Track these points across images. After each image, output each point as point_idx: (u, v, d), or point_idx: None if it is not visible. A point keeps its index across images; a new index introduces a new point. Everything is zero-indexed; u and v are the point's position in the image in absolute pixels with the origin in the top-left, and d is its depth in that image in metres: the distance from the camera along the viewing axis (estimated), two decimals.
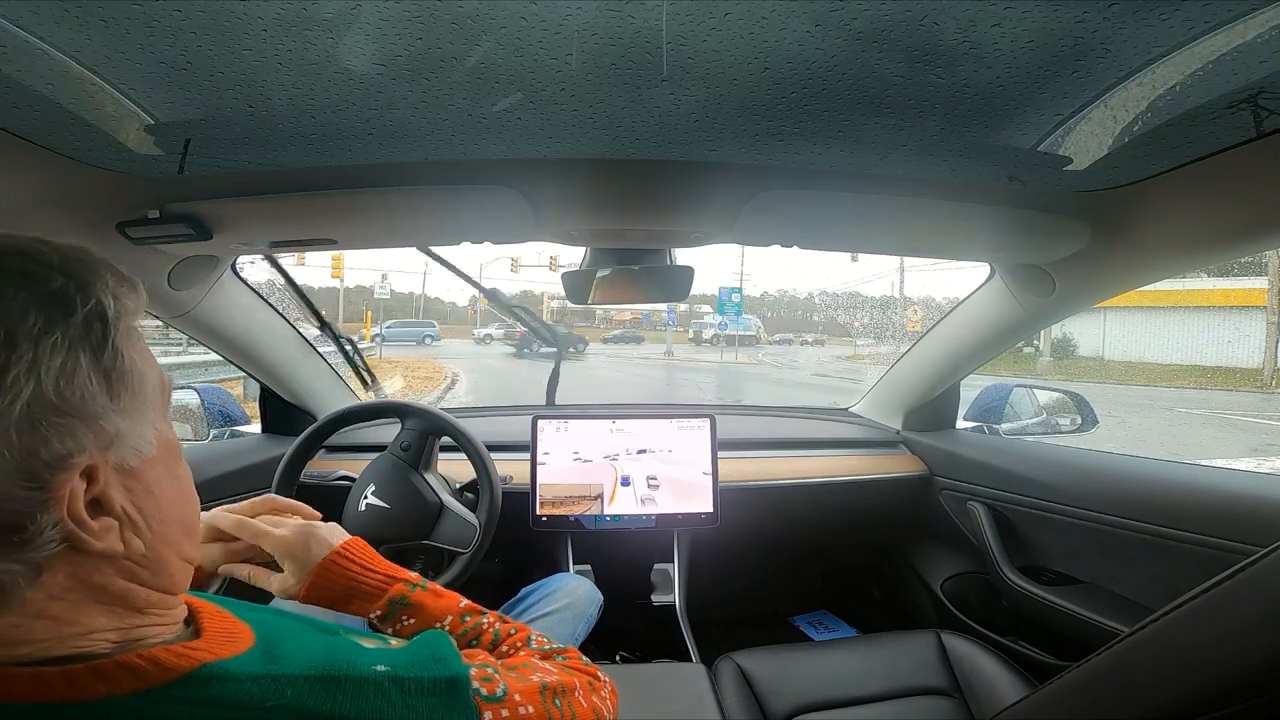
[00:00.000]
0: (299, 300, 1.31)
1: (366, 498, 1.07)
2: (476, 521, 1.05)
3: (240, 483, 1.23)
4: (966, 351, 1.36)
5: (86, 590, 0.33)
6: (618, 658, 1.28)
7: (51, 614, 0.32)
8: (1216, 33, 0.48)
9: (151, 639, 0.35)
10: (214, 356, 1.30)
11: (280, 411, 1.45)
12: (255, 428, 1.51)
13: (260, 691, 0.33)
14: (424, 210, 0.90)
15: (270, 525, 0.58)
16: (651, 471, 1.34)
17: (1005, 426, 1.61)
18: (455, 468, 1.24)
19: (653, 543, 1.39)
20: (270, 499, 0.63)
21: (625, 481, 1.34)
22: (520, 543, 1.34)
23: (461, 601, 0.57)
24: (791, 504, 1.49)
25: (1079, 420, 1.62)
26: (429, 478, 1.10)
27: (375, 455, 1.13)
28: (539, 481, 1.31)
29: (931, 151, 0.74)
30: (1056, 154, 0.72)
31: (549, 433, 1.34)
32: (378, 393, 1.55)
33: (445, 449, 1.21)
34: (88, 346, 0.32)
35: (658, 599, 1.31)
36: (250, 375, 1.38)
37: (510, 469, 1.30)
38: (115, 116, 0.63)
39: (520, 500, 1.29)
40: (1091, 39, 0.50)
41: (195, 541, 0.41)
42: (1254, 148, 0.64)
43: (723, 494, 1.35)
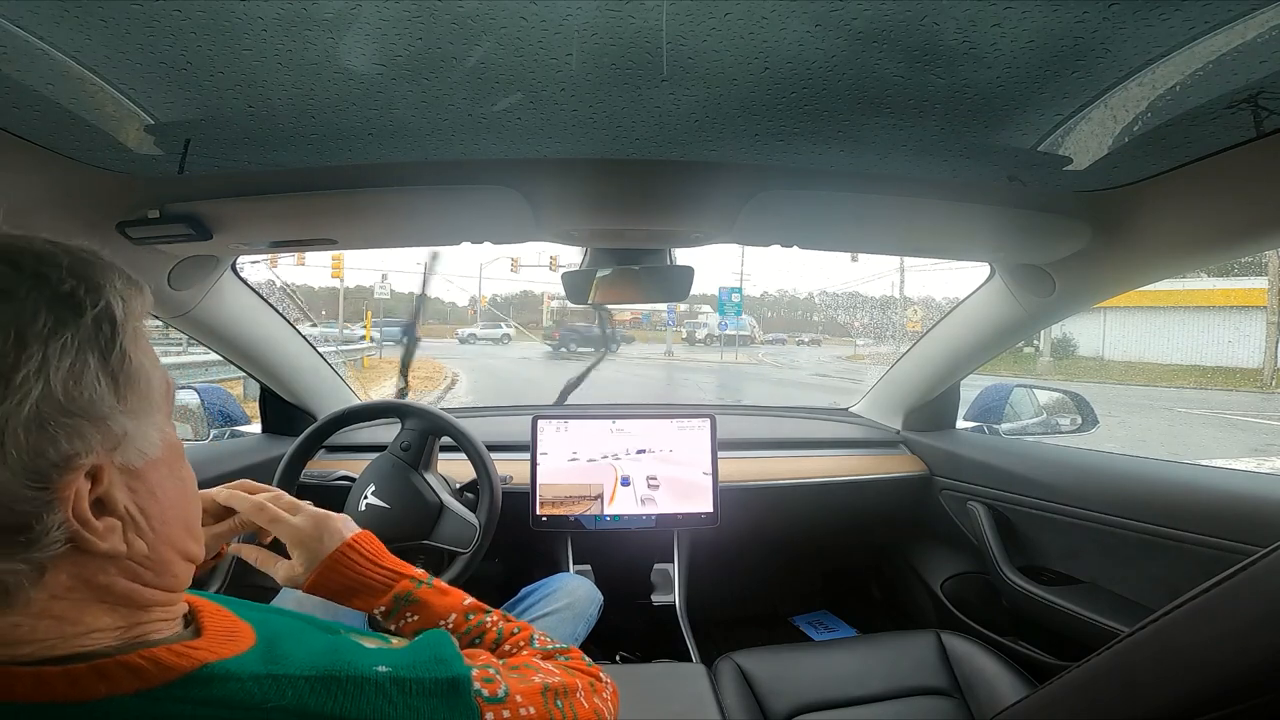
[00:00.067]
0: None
1: (366, 498, 1.07)
2: (476, 521, 1.05)
3: None
4: (966, 351, 1.36)
5: (89, 590, 0.33)
6: (618, 658, 1.28)
7: (54, 614, 0.32)
8: (1216, 33, 0.48)
9: (153, 636, 0.35)
10: (214, 356, 1.30)
11: (280, 411, 1.45)
12: (255, 428, 1.51)
13: (261, 691, 0.33)
14: (424, 210, 0.90)
15: (286, 511, 0.58)
16: (651, 471, 1.34)
17: (1005, 426, 1.61)
18: (455, 468, 1.24)
19: (653, 543, 1.39)
20: (277, 493, 0.63)
21: (625, 481, 1.34)
22: (520, 543, 1.33)
23: (466, 599, 0.57)
24: (791, 504, 1.49)
25: (1079, 420, 1.62)
26: (429, 478, 1.10)
27: (375, 455, 1.13)
28: (539, 481, 1.31)
29: (931, 151, 0.74)
30: (1056, 154, 0.72)
31: (549, 433, 1.34)
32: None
33: (445, 449, 1.21)
34: (96, 348, 0.32)
35: (658, 599, 1.31)
36: (250, 375, 1.38)
37: (510, 469, 1.30)
38: (115, 116, 0.63)
39: (520, 500, 1.29)
40: (1091, 39, 0.50)
41: (198, 541, 0.41)
42: (1254, 148, 0.64)
43: (723, 494, 1.35)
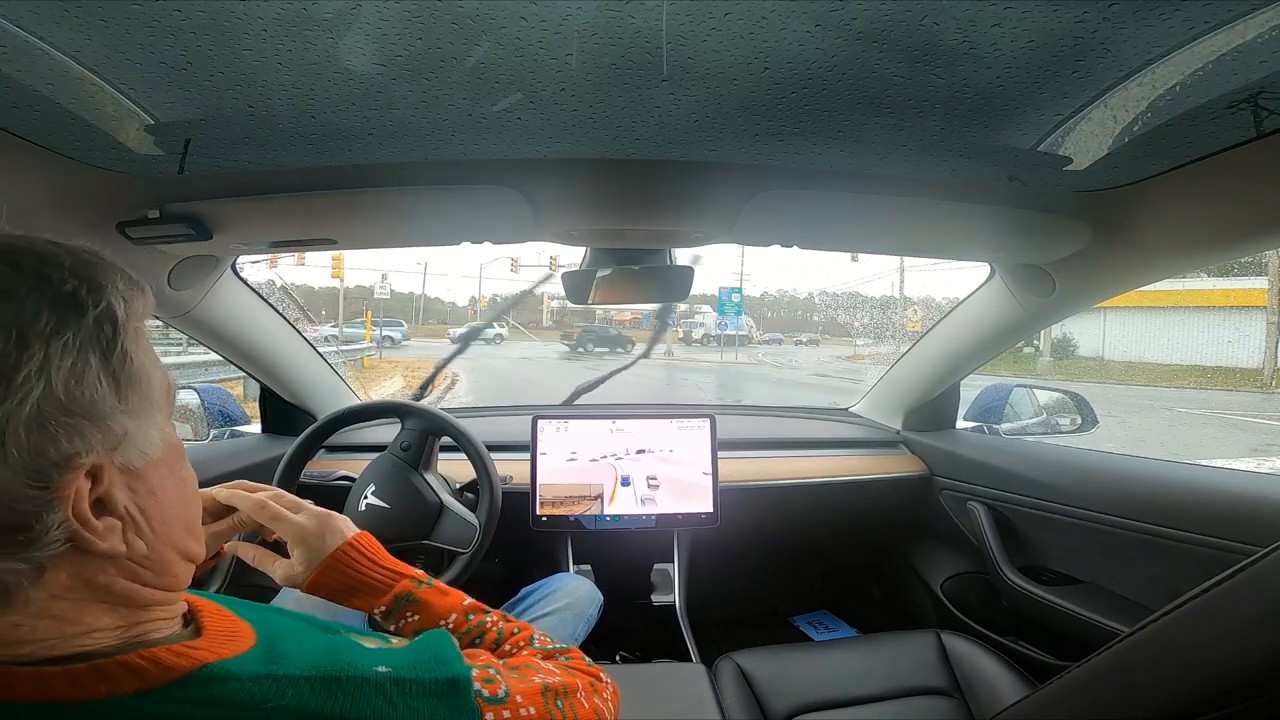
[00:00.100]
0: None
1: (366, 498, 1.07)
2: (476, 521, 1.05)
3: None
4: (966, 351, 1.36)
5: (89, 590, 0.33)
6: (618, 658, 1.28)
7: (54, 613, 0.32)
8: (1216, 33, 0.48)
9: (153, 636, 0.35)
10: (214, 356, 1.30)
11: (280, 411, 1.45)
12: (255, 428, 1.51)
13: (261, 692, 0.33)
14: (424, 210, 0.90)
15: (288, 509, 0.58)
16: (651, 471, 1.34)
17: (1005, 426, 1.61)
18: (455, 468, 1.24)
19: (653, 543, 1.39)
20: (279, 492, 0.63)
21: (625, 481, 1.34)
22: (520, 543, 1.33)
23: (466, 599, 0.57)
24: (791, 504, 1.49)
25: (1079, 420, 1.62)
26: (429, 478, 1.10)
27: (375, 455, 1.13)
28: (539, 481, 1.31)
29: (931, 151, 0.74)
30: (1056, 154, 0.72)
31: (549, 433, 1.34)
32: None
33: (445, 449, 1.21)
34: (98, 348, 0.32)
35: (658, 599, 1.31)
36: (250, 375, 1.38)
37: (510, 469, 1.30)
38: (115, 116, 0.63)
39: (520, 500, 1.29)
40: (1091, 39, 0.50)
41: (199, 541, 0.41)
42: (1254, 148, 0.64)
43: (723, 494, 1.34)
